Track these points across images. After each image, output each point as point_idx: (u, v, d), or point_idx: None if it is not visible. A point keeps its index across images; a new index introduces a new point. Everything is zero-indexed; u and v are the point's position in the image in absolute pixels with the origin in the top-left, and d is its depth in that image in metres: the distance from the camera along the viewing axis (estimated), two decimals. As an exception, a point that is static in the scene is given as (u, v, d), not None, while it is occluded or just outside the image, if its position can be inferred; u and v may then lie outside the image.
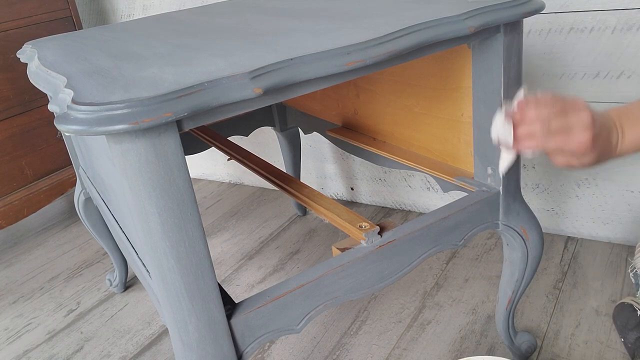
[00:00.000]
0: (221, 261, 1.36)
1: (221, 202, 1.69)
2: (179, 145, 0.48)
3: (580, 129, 0.58)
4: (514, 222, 0.77)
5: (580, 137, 0.58)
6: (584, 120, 0.58)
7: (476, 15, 0.61)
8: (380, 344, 1.02)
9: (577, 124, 0.58)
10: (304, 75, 0.52)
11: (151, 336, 1.13)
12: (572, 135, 0.58)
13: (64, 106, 0.47)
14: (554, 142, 0.59)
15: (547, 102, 0.59)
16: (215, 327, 0.56)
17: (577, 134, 0.58)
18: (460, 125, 0.79)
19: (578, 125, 0.58)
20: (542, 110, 0.58)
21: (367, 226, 0.68)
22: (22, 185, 1.45)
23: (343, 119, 1.07)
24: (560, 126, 0.58)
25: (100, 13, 1.78)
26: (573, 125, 0.58)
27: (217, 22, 0.80)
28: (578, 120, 0.58)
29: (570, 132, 0.58)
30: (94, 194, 0.99)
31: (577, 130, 0.58)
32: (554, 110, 0.58)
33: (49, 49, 0.78)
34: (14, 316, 1.26)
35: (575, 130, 0.58)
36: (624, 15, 1.01)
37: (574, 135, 0.58)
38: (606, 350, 0.93)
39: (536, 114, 0.59)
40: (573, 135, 0.58)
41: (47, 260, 1.48)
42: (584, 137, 0.57)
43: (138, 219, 0.50)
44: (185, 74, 0.51)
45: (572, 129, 0.58)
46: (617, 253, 1.17)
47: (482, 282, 1.14)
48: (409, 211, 1.47)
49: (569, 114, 0.58)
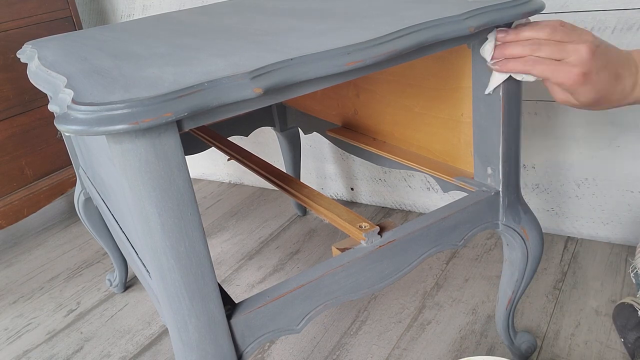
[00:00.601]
0: (221, 261, 1.36)
1: (221, 202, 1.69)
2: (179, 145, 0.48)
3: (572, 61, 0.53)
4: (514, 222, 0.77)
5: (568, 69, 0.53)
6: (580, 54, 0.53)
7: (476, 15, 0.61)
8: (380, 344, 1.02)
9: (570, 55, 0.53)
10: (304, 75, 0.52)
11: (151, 336, 1.13)
12: (561, 66, 0.53)
13: (64, 106, 0.47)
14: (540, 68, 0.55)
15: (547, 27, 0.55)
16: (215, 327, 0.56)
17: (566, 66, 0.53)
18: (460, 126, 0.79)
19: (572, 56, 0.53)
20: (538, 33, 0.55)
21: (367, 226, 0.68)
22: (22, 185, 1.45)
23: (343, 119, 1.07)
24: (551, 53, 0.54)
25: (100, 13, 1.78)
26: (566, 56, 0.53)
27: (217, 22, 0.80)
28: (573, 51, 0.53)
29: (561, 63, 0.53)
30: (94, 194, 0.99)
31: (568, 62, 0.53)
32: (551, 36, 0.54)
33: (49, 49, 0.78)
34: (13, 316, 1.26)
35: (566, 62, 0.53)
36: (624, 15, 1.01)
37: (562, 66, 0.53)
38: (606, 351, 0.93)
39: (530, 35, 0.55)
40: (562, 66, 0.53)
41: (47, 260, 1.48)
42: (573, 70, 0.53)
43: (138, 219, 0.50)
44: (185, 74, 0.51)
45: (564, 60, 0.53)
46: (617, 253, 1.17)
47: (482, 282, 1.14)
48: (409, 211, 1.47)
49: (566, 43, 0.53)
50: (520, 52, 0.58)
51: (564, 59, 0.54)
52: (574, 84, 0.54)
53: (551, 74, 0.54)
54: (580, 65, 0.53)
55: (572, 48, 0.53)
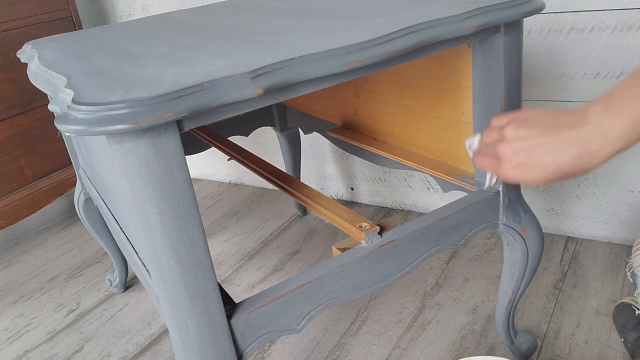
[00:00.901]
0: (221, 261, 1.36)
1: (221, 202, 1.69)
2: (179, 145, 0.48)
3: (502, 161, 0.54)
4: (514, 222, 0.77)
5: (502, 169, 0.54)
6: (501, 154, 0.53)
7: (476, 15, 0.61)
8: (380, 344, 1.02)
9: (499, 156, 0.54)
10: (304, 75, 0.52)
11: (151, 336, 1.13)
12: (498, 166, 0.54)
13: (64, 106, 0.47)
14: (486, 166, 0.56)
15: (492, 128, 0.56)
16: (216, 327, 0.56)
17: (500, 166, 0.54)
18: (460, 125, 0.79)
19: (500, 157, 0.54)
20: (489, 134, 0.56)
21: (367, 226, 0.68)
22: (22, 186, 1.45)
23: (343, 119, 1.07)
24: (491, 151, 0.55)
25: (100, 13, 1.78)
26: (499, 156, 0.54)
27: (217, 22, 0.80)
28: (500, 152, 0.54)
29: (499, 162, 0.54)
30: (94, 194, 0.99)
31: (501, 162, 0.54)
32: (491, 139, 0.55)
33: (49, 49, 0.78)
34: (14, 316, 1.26)
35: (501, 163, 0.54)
36: (624, 15, 1.01)
37: (499, 166, 0.54)
38: (606, 350, 0.93)
39: (486, 138, 0.57)
40: (499, 166, 0.54)
41: (47, 261, 1.48)
42: (501, 170, 0.54)
43: (138, 219, 0.50)
44: (185, 74, 0.51)
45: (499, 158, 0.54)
46: (617, 253, 1.17)
47: (482, 282, 1.14)
48: (409, 211, 1.47)
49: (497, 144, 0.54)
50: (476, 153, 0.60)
51: (497, 158, 0.55)
52: (510, 180, 0.55)
53: (492, 170, 0.56)
54: (504, 164, 0.53)
55: (499, 149, 0.54)
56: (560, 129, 0.50)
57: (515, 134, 0.53)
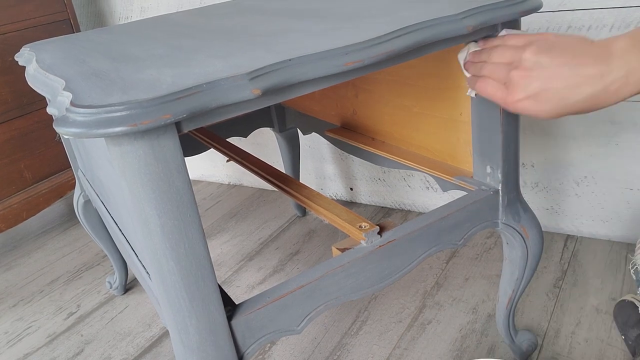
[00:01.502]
0: (221, 262, 1.36)
1: (220, 203, 1.69)
2: (178, 147, 0.48)
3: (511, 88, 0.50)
4: (513, 220, 0.77)
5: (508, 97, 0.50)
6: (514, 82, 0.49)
7: (474, 14, 0.61)
8: (380, 344, 1.02)
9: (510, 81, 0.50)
10: (302, 75, 0.52)
11: (152, 338, 1.13)
12: (503, 91, 0.51)
13: (63, 109, 0.47)
14: (483, 90, 0.53)
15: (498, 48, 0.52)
16: (216, 329, 0.56)
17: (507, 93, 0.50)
18: (459, 125, 0.79)
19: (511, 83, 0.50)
20: (490, 53, 0.52)
21: (366, 226, 0.68)
22: (21, 189, 1.44)
23: (342, 119, 1.07)
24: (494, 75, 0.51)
25: (98, 15, 1.78)
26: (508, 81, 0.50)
27: (215, 23, 0.80)
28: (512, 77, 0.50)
29: (504, 87, 0.50)
30: (93, 196, 0.99)
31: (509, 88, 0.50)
32: (500, 58, 0.51)
33: (47, 52, 0.78)
34: (14, 319, 1.26)
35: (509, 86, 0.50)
36: (622, 14, 1.01)
37: (504, 92, 0.51)
38: (607, 348, 0.93)
39: (484, 56, 0.54)
40: (504, 91, 0.51)
41: (46, 264, 1.48)
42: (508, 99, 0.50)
43: (137, 221, 0.50)
44: (184, 76, 0.50)
45: (506, 84, 0.50)
46: (617, 251, 1.17)
47: (482, 281, 1.14)
48: (409, 211, 1.47)
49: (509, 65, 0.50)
50: (473, 72, 0.57)
51: (506, 83, 0.52)
52: (517, 111, 0.51)
53: (495, 99, 0.53)
54: (515, 93, 0.50)
55: (513, 74, 0.51)
56: (583, 61, 0.46)
57: (534, 59, 0.48)
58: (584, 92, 0.46)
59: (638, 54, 0.44)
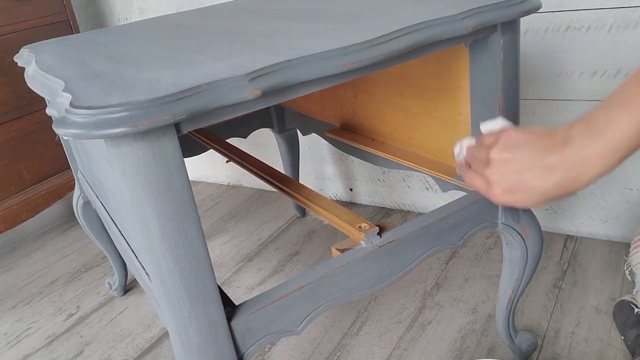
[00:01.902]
0: (221, 263, 1.36)
1: (220, 204, 1.69)
2: (178, 148, 0.48)
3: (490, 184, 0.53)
4: (513, 221, 0.77)
5: (490, 192, 0.53)
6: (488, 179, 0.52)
7: (473, 14, 0.61)
8: (380, 345, 1.02)
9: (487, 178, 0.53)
10: (302, 76, 0.52)
11: (151, 339, 1.13)
12: (486, 187, 0.54)
13: (62, 110, 0.47)
14: (471, 184, 0.56)
15: (479, 146, 0.55)
16: (216, 330, 0.56)
17: (489, 189, 0.53)
18: (459, 125, 0.79)
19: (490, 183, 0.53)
20: (477, 151, 0.55)
21: (366, 227, 0.68)
22: (21, 190, 1.44)
23: (341, 120, 1.07)
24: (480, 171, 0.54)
25: (98, 16, 1.78)
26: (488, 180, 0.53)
27: (214, 24, 0.80)
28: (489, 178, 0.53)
29: (486, 184, 0.54)
30: (93, 197, 0.98)
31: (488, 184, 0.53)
32: (479, 156, 0.54)
33: (46, 53, 0.78)
34: (13, 321, 1.26)
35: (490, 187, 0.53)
36: (621, 14, 1.01)
37: (486, 188, 0.54)
38: (606, 348, 0.93)
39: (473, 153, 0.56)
40: (486, 188, 0.54)
41: (46, 265, 1.48)
42: (489, 194, 0.53)
43: (137, 222, 0.50)
44: (183, 77, 0.50)
45: (487, 182, 0.54)
46: (617, 251, 1.17)
47: (482, 281, 1.14)
48: (408, 211, 1.47)
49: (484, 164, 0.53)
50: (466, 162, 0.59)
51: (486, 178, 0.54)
52: (502, 204, 0.54)
53: (481, 192, 0.55)
54: (493, 188, 0.53)
55: (486, 172, 0.53)
56: (543, 153, 0.49)
57: (499, 157, 0.52)
58: (550, 180, 0.48)
59: (589, 139, 0.46)
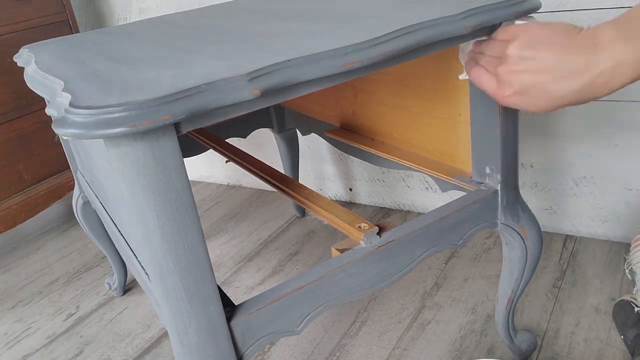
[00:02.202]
0: (220, 263, 1.36)
1: (220, 204, 1.69)
2: (177, 148, 0.48)
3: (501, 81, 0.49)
4: (512, 221, 0.77)
5: (498, 91, 0.50)
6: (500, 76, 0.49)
7: (473, 14, 0.61)
8: (380, 345, 1.02)
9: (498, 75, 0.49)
10: (301, 76, 0.52)
11: (151, 339, 1.13)
12: (495, 85, 0.50)
13: (62, 110, 0.47)
14: (478, 81, 0.53)
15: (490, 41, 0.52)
16: (215, 330, 0.56)
17: (498, 87, 0.50)
18: (458, 125, 0.79)
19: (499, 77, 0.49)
20: (487, 46, 0.52)
21: (366, 227, 0.68)
22: (20, 190, 1.44)
23: (341, 119, 1.07)
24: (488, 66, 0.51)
25: (97, 16, 1.78)
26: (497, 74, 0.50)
27: (214, 24, 0.80)
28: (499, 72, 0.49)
29: (495, 80, 0.50)
30: (92, 197, 0.98)
31: (499, 81, 0.49)
32: (491, 51, 0.51)
33: (45, 53, 0.78)
34: (13, 321, 1.26)
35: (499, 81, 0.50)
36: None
37: (496, 85, 0.50)
38: (606, 348, 0.93)
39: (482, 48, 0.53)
40: (496, 85, 0.50)
41: (45, 265, 1.48)
42: (498, 94, 0.49)
43: (136, 222, 0.50)
44: (183, 77, 0.50)
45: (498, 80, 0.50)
46: (616, 251, 1.17)
47: (481, 281, 1.14)
48: (408, 211, 1.47)
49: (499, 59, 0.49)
50: (471, 57, 0.58)
51: (497, 76, 0.51)
52: (507, 105, 0.51)
53: (486, 90, 0.52)
54: (503, 89, 0.50)
55: (499, 70, 0.50)
56: (568, 54, 0.45)
57: (518, 54, 0.48)
58: (570, 85, 0.45)
59: (624, 44, 0.43)
